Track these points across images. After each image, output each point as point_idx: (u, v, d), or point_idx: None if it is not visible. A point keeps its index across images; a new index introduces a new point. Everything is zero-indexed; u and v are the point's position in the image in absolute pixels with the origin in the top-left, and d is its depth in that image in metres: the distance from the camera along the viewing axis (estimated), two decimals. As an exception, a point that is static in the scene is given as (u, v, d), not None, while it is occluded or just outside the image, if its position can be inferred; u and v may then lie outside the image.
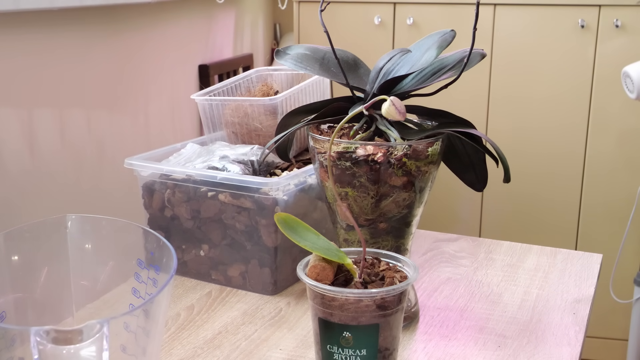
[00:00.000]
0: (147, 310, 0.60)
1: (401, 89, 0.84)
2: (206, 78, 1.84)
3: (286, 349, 0.84)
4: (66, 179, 1.29)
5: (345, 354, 0.67)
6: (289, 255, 0.99)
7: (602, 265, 1.10)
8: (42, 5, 1.15)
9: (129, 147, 1.48)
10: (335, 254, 0.70)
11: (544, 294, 0.98)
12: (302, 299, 0.97)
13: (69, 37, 1.28)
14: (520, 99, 2.06)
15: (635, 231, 2.02)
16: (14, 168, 1.17)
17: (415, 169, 0.79)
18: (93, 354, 0.54)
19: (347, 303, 0.66)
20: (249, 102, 1.11)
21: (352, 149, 0.78)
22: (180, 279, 1.03)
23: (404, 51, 0.85)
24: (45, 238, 0.73)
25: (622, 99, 1.94)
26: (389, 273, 0.71)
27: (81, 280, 0.74)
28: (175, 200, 1.01)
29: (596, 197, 2.05)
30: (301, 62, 0.88)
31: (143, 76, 1.55)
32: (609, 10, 1.93)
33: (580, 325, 0.90)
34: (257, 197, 0.94)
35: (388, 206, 0.81)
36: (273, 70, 1.27)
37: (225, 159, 1.03)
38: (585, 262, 1.09)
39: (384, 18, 2.10)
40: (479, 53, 0.84)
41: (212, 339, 0.87)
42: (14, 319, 0.69)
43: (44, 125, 1.23)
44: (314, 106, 0.88)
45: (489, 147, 0.84)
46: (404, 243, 0.86)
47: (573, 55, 1.98)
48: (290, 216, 0.72)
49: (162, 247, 0.67)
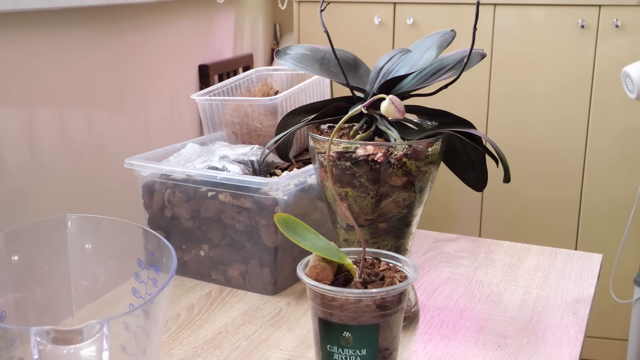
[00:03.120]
0: (147, 310, 0.60)
1: (401, 89, 0.84)
2: (206, 78, 1.84)
3: (286, 349, 0.84)
4: (66, 178, 1.29)
5: (345, 354, 0.67)
6: (289, 255, 0.99)
7: (602, 265, 1.10)
8: (42, 5, 1.15)
9: (129, 147, 1.48)
10: (335, 254, 0.70)
11: (544, 294, 0.98)
12: (302, 299, 0.97)
13: (69, 37, 1.28)
14: (520, 99, 2.06)
15: (635, 231, 2.02)
16: (14, 168, 1.17)
17: (415, 169, 0.79)
18: (93, 354, 0.54)
19: (347, 303, 0.66)
20: (249, 102, 1.11)
21: (352, 149, 0.78)
22: (180, 279, 1.03)
23: (404, 51, 0.85)
24: (45, 238, 0.73)
25: (622, 99, 1.94)
26: (389, 273, 0.71)
27: (81, 280, 0.74)
28: (175, 200, 1.01)
29: (596, 197, 2.05)
30: (301, 62, 0.88)
31: (143, 76, 1.55)
32: (609, 10, 1.93)
33: (580, 325, 0.90)
34: (257, 197, 0.94)
35: (388, 206, 0.81)
36: (273, 70, 1.27)
37: (225, 159, 1.03)
38: (585, 262, 1.09)
39: (384, 18, 2.10)
40: (479, 53, 0.84)
41: (212, 339, 0.87)
42: (14, 319, 0.69)
43: (44, 125, 1.23)
44: (314, 106, 0.88)
45: (489, 147, 0.84)
46: (404, 243, 0.86)
47: (573, 55, 1.98)
48: (290, 216, 0.72)
49: (162, 247, 0.67)
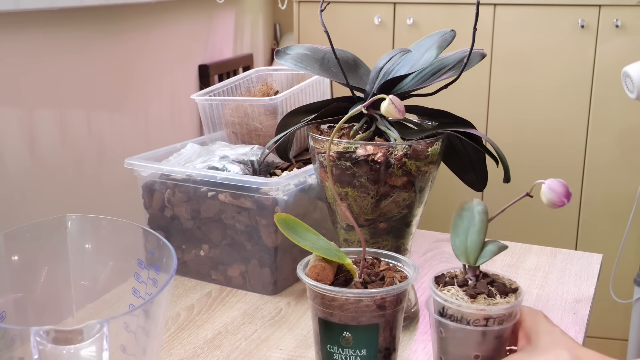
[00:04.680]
0: (147, 310, 0.60)
1: (401, 89, 0.84)
2: (206, 78, 1.84)
3: (286, 349, 0.84)
4: (66, 178, 1.29)
5: (345, 354, 0.67)
6: (289, 255, 0.98)
7: (602, 265, 1.10)
8: (42, 5, 1.15)
9: (129, 147, 1.48)
10: (335, 254, 0.70)
11: (544, 294, 0.98)
12: (302, 299, 0.97)
13: (69, 37, 1.28)
14: (520, 99, 2.06)
15: (635, 231, 2.02)
16: (14, 168, 1.16)
17: (415, 169, 0.79)
18: (93, 354, 0.54)
19: (347, 303, 0.66)
20: (249, 102, 1.11)
21: (352, 149, 0.78)
22: (180, 279, 1.03)
23: (404, 51, 0.85)
24: (45, 238, 0.73)
25: (622, 99, 1.94)
26: (389, 273, 0.71)
27: (81, 280, 0.74)
28: (175, 200, 1.01)
29: (596, 197, 2.05)
30: (301, 62, 0.88)
31: (143, 76, 1.55)
32: (609, 10, 1.93)
33: (580, 325, 0.90)
34: (257, 197, 0.94)
35: (388, 206, 0.81)
36: (273, 70, 1.27)
37: (225, 159, 1.03)
38: (585, 262, 1.09)
39: (384, 18, 2.10)
40: (479, 53, 0.84)
41: (212, 339, 0.87)
42: (14, 319, 0.69)
43: (44, 125, 1.23)
44: (314, 106, 0.88)
45: (489, 147, 0.84)
46: (404, 243, 0.86)
47: (573, 55, 1.98)
48: (290, 216, 0.72)
49: (162, 247, 0.67)
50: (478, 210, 0.72)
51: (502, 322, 0.67)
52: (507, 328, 0.67)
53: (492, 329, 0.66)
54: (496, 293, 0.68)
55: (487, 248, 0.70)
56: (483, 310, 0.66)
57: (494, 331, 0.67)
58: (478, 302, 0.67)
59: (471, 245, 0.70)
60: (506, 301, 0.67)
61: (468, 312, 0.66)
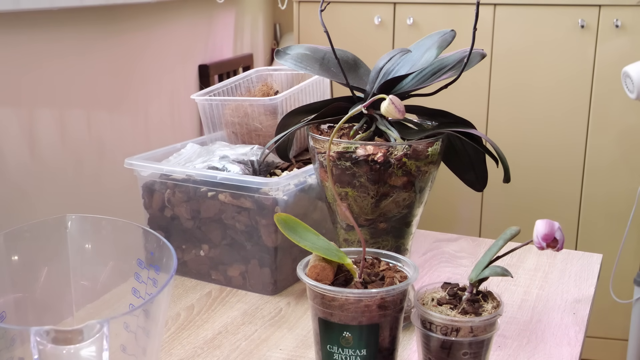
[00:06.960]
0: (147, 310, 0.60)
1: (401, 89, 0.84)
2: (206, 78, 1.84)
3: (286, 349, 0.84)
4: (66, 179, 1.29)
5: (345, 354, 0.67)
6: (289, 255, 0.99)
7: (602, 265, 1.10)
8: (42, 5, 1.15)
9: (129, 147, 1.48)
10: (335, 254, 0.70)
11: (544, 294, 0.98)
12: (302, 299, 0.97)
13: (69, 37, 1.28)
14: (520, 99, 2.06)
15: (635, 231, 2.02)
16: (14, 168, 1.16)
17: (415, 169, 0.79)
18: (93, 354, 0.54)
19: (347, 303, 0.66)
20: (249, 102, 1.11)
21: (352, 149, 0.78)
22: (180, 279, 1.03)
23: (404, 51, 0.85)
24: (45, 238, 0.73)
25: (622, 99, 1.94)
26: (389, 273, 0.71)
27: (81, 280, 0.74)
28: (175, 200, 1.01)
29: (596, 197, 2.05)
30: (301, 62, 0.88)
31: (143, 76, 1.55)
32: (609, 10, 1.93)
33: (580, 325, 0.90)
34: (257, 197, 0.94)
35: (388, 206, 0.81)
36: (273, 70, 1.27)
37: (225, 159, 1.03)
38: (585, 262, 1.09)
39: (384, 18, 2.10)
40: (479, 53, 0.84)
41: (212, 339, 0.87)
42: (14, 319, 0.69)
43: (44, 125, 1.23)
44: (314, 106, 0.88)
45: (489, 147, 0.84)
46: (404, 243, 0.86)
47: (573, 55, 1.98)
48: (290, 216, 0.72)
49: (162, 247, 0.67)
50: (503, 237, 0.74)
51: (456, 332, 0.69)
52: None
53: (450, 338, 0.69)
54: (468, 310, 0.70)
55: (487, 270, 0.72)
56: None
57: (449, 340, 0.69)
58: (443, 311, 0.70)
59: (477, 265, 0.73)
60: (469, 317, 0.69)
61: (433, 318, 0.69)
